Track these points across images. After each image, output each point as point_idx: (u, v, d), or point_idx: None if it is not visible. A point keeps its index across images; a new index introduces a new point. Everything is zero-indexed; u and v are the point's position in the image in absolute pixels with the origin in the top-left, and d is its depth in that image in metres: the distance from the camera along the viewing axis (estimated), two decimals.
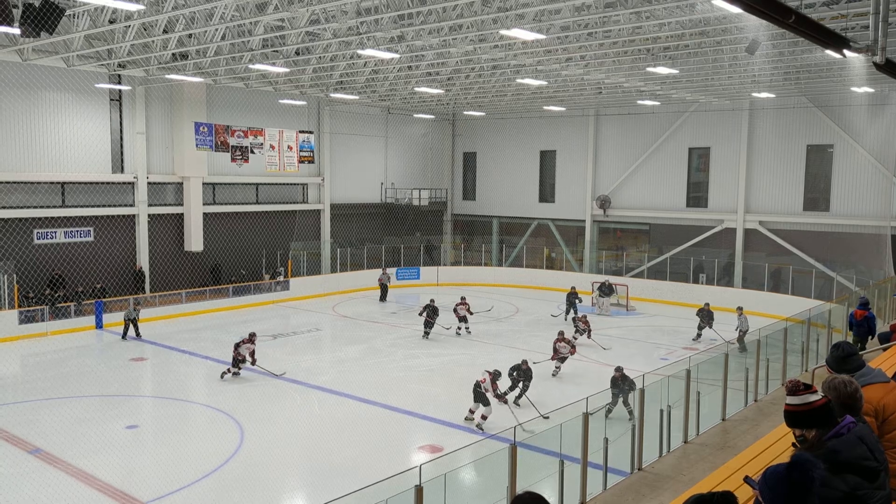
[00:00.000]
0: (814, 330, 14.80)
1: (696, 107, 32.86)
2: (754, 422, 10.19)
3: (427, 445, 14.71)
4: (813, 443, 3.68)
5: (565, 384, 19.89)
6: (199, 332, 25.54)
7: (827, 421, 3.68)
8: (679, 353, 21.38)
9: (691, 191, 34.27)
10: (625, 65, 22.98)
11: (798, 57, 20.97)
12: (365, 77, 26.91)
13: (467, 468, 11.08)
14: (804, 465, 3.10)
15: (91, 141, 27.34)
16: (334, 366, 21.63)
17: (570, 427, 8.36)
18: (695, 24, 17.64)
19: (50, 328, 24.12)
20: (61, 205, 26.87)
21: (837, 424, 3.69)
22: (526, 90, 29.20)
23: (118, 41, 20.24)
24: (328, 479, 13.11)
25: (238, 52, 21.60)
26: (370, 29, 18.45)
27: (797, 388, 3.77)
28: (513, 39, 18.81)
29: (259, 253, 32.71)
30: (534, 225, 39.47)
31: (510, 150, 40.01)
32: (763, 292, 29.98)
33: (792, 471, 3.09)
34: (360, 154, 37.97)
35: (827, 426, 3.67)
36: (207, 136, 26.89)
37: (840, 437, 3.64)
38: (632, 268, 35.24)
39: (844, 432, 3.65)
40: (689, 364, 10.14)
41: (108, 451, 14.33)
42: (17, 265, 24.93)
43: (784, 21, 7.94)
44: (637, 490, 8.16)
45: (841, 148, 29.70)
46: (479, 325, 26.23)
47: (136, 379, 20.63)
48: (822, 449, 3.59)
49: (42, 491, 12.36)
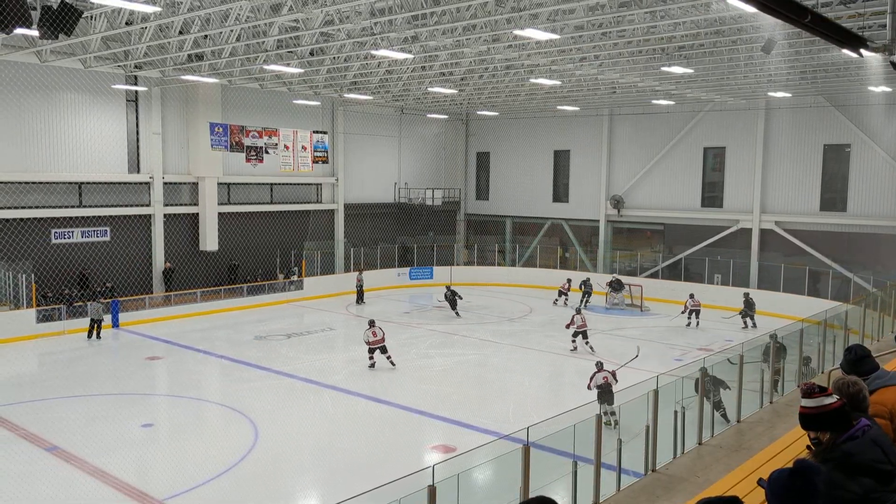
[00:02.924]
0: (830, 331, 14.71)
1: (711, 106, 32.67)
2: (770, 424, 10.12)
3: (440, 445, 14.73)
4: (827, 445, 3.67)
5: (579, 384, 19.85)
6: (213, 331, 25.68)
7: (841, 424, 3.67)
8: (694, 354, 21.28)
9: (706, 191, 34.08)
10: (639, 64, 22.89)
11: (814, 56, 20.82)
12: (379, 77, 26.96)
13: (480, 468, 11.08)
14: (806, 472, 3.10)
15: (108, 141, 27.56)
16: (347, 365, 21.68)
17: (583, 428, 8.34)
18: (710, 23, 17.53)
19: (67, 327, 24.32)
20: (78, 205, 27.09)
21: (852, 427, 3.67)
22: (539, 90, 29.14)
23: (135, 43, 20.37)
24: (341, 478, 13.15)
25: (253, 53, 21.70)
26: (384, 29, 18.47)
27: (812, 391, 3.76)
28: (526, 39, 18.78)
29: (273, 252, 32.85)
30: (547, 225, 39.39)
31: (524, 149, 39.94)
32: (779, 293, 29.79)
33: (794, 478, 3.09)
34: (374, 154, 38.04)
35: (841, 429, 3.66)
36: (222, 137, 27.05)
37: (854, 439, 3.62)
38: (646, 268, 35.10)
39: (859, 435, 3.63)
40: (704, 364, 10.09)
41: (124, 449, 14.45)
42: (35, 265, 25.16)
43: (800, 20, 7.88)
44: (651, 491, 8.13)
45: (858, 148, 29.45)
46: (491, 326, 26.24)
47: (151, 378, 20.77)
48: (837, 452, 3.58)
49: (58, 488, 12.49)
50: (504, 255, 39.85)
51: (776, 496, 3.13)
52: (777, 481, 3.14)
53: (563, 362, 22.27)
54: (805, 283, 29.52)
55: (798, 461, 3.20)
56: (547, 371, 21.25)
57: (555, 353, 23.01)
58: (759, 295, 30.00)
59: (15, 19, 11.01)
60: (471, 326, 26.23)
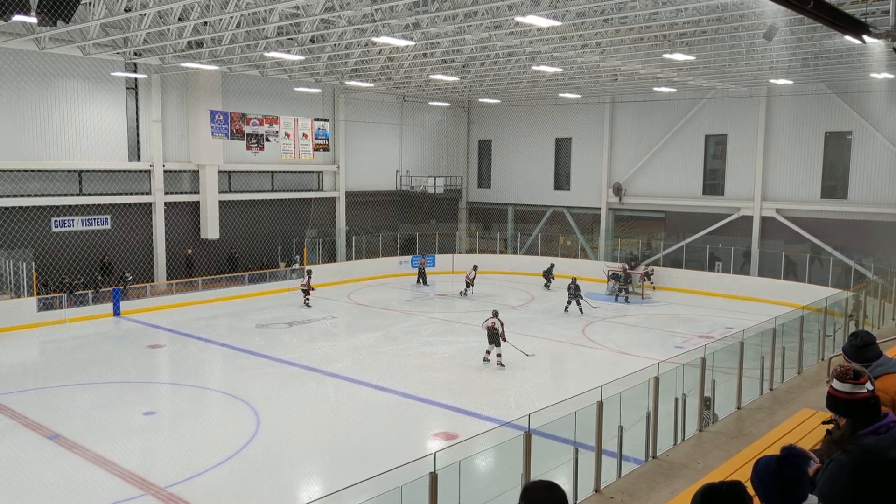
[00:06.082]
0: (830, 318, 14.72)
1: (712, 93, 32.57)
2: (770, 410, 10.15)
3: (442, 432, 14.77)
4: (844, 433, 3.56)
5: (580, 372, 19.90)
6: (215, 319, 25.72)
7: (865, 414, 3.56)
8: (694, 342, 21.32)
9: (708, 178, 34.02)
10: (641, 51, 22.80)
11: (816, 43, 20.72)
12: (380, 65, 26.86)
13: (482, 455, 11.11)
14: (795, 458, 3.05)
15: (107, 129, 27.50)
16: (350, 353, 21.73)
17: (584, 415, 8.36)
18: (712, 9, 17.46)
19: (68, 315, 24.36)
20: (79, 193, 27.08)
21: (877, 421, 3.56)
22: (541, 77, 29.05)
23: (134, 29, 20.31)
24: (343, 465, 13.21)
25: (253, 40, 21.62)
26: (385, 16, 18.39)
27: (846, 375, 3.65)
28: (528, 26, 18.70)
29: (275, 241, 32.85)
30: (549, 212, 39.36)
31: (525, 137, 39.86)
32: (779, 280, 29.81)
33: (782, 464, 3.03)
34: (376, 142, 37.97)
35: (865, 420, 3.56)
36: (223, 124, 27.00)
37: (878, 435, 3.50)
38: (647, 256, 35.09)
39: (882, 432, 3.51)
40: (705, 352, 10.11)
41: (126, 436, 14.50)
42: (35, 253, 25.18)
43: (802, 7, 7.84)
44: (651, 478, 8.17)
45: (860, 135, 29.36)
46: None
47: (153, 366, 20.82)
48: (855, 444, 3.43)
49: (61, 476, 12.54)
50: (507, 243, 39.85)
51: (763, 484, 3.06)
52: (764, 468, 3.07)
53: (565, 350, 22.31)
54: (806, 271, 29.52)
55: (785, 448, 3.13)
56: (548, 358, 21.28)
57: (556, 340, 23.04)
58: (759, 282, 30.10)
59: (13, 6, 10.97)
60: (472, 314, 26.25)
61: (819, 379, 11.32)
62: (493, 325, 19.52)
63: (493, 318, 19.62)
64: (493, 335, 19.54)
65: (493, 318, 19.65)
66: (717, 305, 28.55)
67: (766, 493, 3.06)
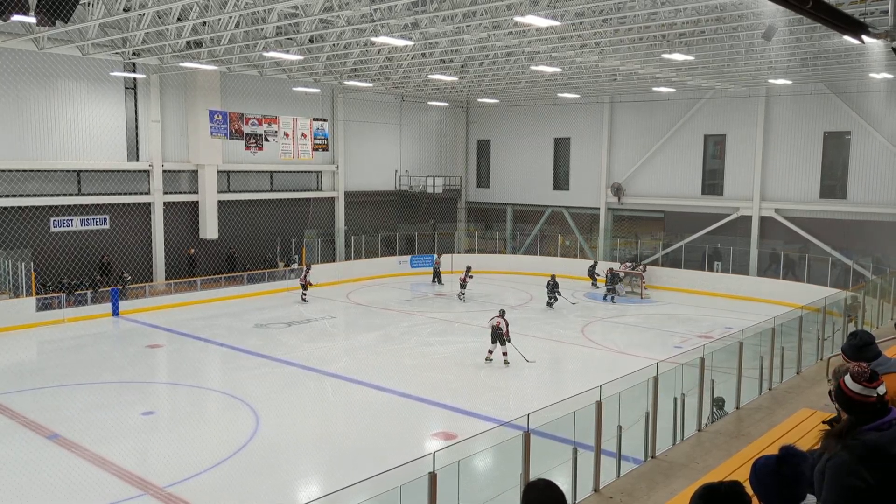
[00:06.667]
0: (829, 318, 14.72)
1: (711, 93, 32.58)
2: (769, 410, 10.15)
3: (441, 432, 14.77)
4: (845, 427, 3.48)
5: (579, 371, 19.91)
6: (214, 319, 25.70)
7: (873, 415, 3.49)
8: (693, 342, 21.32)
9: (707, 178, 34.02)
10: (640, 51, 22.80)
11: (815, 43, 20.73)
12: (379, 64, 26.85)
13: (481, 455, 11.11)
14: (793, 458, 3.04)
15: (106, 129, 27.48)
16: (348, 353, 21.72)
17: (583, 415, 8.35)
18: (711, 9, 17.46)
19: (67, 315, 24.34)
20: (77, 193, 27.06)
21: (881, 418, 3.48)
22: (540, 77, 29.04)
23: (133, 29, 20.29)
24: (342, 465, 13.20)
25: (252, 40, 21.60)
26: (384, 16, 18.39)
27: (861, 376, 3.55)
28: (527, 26, 18.70)
29: (273, 240, 32.84)
30: (548, 212, 39.35)
31: (524, 137, 39.85)
32: (778, 280, 29.82)
33: (781, 464, 3.03)
34: (374, 142, 37.96)
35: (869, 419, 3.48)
36: (222, 124, 26.99)
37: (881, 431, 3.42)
38: (646, 255, 35.10)
39: (885, 428, 3.44)
40: (704, 352, 10.11)
41: (125, 436, 14.49)
42: (34, 253, 25.15)
43: (801, 7, 7.83)
44: (650, 478, 8.16)
45: (858, 135, 29.37)
46: (492, 313, 26.19)
47: (152, 366, 20.81)
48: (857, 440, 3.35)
49: (59, 476, 12.52)
50: (505, 243, 39.84)
51: (762, 484, 3.06)
52: (763, 468, 3.07)
53: (564, 349, 22.32)
54: (805, 270, 29.53)
55: (784, 448, 3.11)
56: (547, 358, 21.29)
57: (555, 340, 23.05)
58: (758, 282, 30.11)
59: (12, 6, 10.96)
60: (471, 314, 26.26)
61: (818, 379, 11.33)
62: (497, 324, 19.71)
63: (499, 318, 19.80)
64: (497, 334, 19.67)
65: (499, 317, 19.83)
66: (716, 305, 28.57)
67: (765, 492, 3.06)
